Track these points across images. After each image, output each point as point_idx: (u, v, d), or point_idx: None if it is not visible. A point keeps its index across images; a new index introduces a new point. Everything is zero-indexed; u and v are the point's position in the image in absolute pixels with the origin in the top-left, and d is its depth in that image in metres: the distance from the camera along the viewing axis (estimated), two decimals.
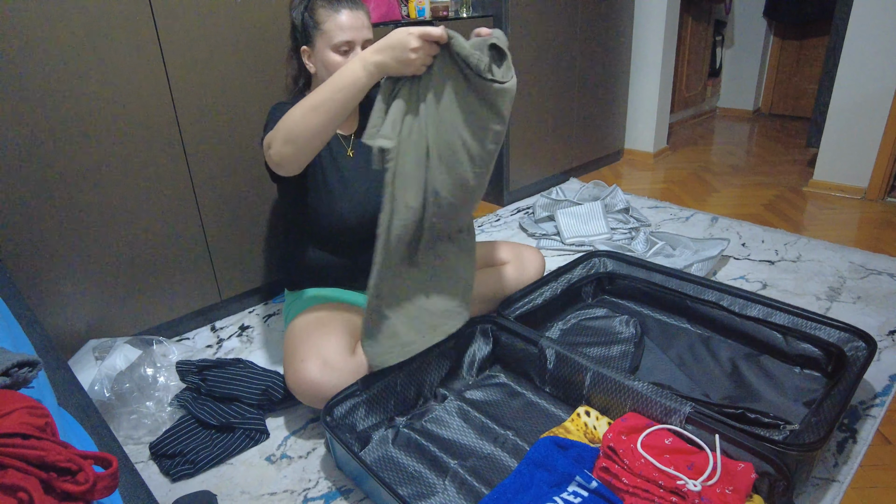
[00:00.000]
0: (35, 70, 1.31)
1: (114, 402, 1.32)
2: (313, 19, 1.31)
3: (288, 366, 1.29)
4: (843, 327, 1.36)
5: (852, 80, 2.50)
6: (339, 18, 1.29)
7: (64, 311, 1.48)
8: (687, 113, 4.18)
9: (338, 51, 1.30)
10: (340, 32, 1.29)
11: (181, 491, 1.18)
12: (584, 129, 2.97)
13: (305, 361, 1.24)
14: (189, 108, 1.57)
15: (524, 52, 2.48)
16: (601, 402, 1.25)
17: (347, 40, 1.29)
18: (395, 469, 1.17)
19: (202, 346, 1.68)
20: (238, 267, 1.79)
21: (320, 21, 1.30)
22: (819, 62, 3.91)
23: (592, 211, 2.28)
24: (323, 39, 1.30)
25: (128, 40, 1.42)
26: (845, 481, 1.13)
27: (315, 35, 1.31)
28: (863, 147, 2.55)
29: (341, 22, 1.29)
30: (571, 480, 1.05)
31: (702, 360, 1.48)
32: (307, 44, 1.34)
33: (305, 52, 1.35)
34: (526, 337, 1.38)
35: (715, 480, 1.02)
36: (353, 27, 1.29)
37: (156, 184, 1.56)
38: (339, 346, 1.28)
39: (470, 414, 1.31)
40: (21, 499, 0.46)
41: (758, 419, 1.22)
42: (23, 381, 0.62)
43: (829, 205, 2.56)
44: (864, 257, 2.02)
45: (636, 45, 3.14)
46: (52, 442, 0.51)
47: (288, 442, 1.31)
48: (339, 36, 1.29)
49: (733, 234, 2.26)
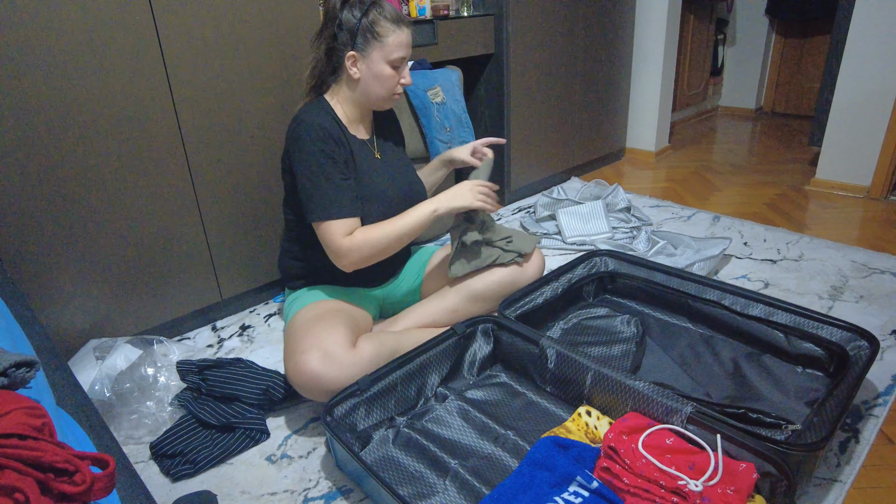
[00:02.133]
0: (35, 70, 1.30)
1: (114, 401, 1.32)
2: (374, 31, 1.33)
3: (288, 359, 1.30)
4: (845, 326, 1.35)
5: (855, 78, 2.49)
6: (402, 36, 1.35)
7: (65, 310, 1.48)
8: (689, 112, 4.17)
9: (393, 65, 1.36)
10: (400, 49, 1.36)
11: (182, 491, 1.18)
12: (585, 127, 2.96)
13: (306, 353, 1.24)
14: (189, 109, 1.57)
15: (525, 51, 2.47)
16: (602, 401, 1.25)
17: (403, 56, 1.37)
18: (395, 469, 1.17)
19: (203, 346, 1.68)
20: (239, 266, 1.79)
21: (383, 34, 1.33)
22: (821, 60, 3.90)
23: (594, 210, 2.28)
24: (381, 52, 1.34)
25: (128, 40, 1.42)
26: (848, 481, 1.13)
27: (372, 45, 1.34)
28: (865, 145, 2.54)
29: (403, 40, 1.36)
30: (572, 480, 1.05)
31: (703, 359, 1.47)
32: (357, 49, 1.35)
33: (353, 57, 1.36)
34: (527, 336, 1.38)
35: (716, 481, 1.02)
36: (410, 45, 1.39)
37: (156, 183, 1.56)
38: (340, 339, 1.28)
39: (470, 414, 1.31)
40: (18, 499, 0.46)
41: (759, 419, 1.22)
42: (21, 382, 0.62)
43: (832, 203, 2.55)
44: (867, 256, 2.01)
45: (637, 44, 3.13)
46: (49, 442, 0.51)
47: (288, 442, 1.31)
48: (399, 52, 1.36)
49: (735, 233, 2.25)
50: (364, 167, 1.43)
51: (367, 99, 1.42)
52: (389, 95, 1.41)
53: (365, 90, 1.40)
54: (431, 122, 2.01)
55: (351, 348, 1.29)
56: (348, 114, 1.44)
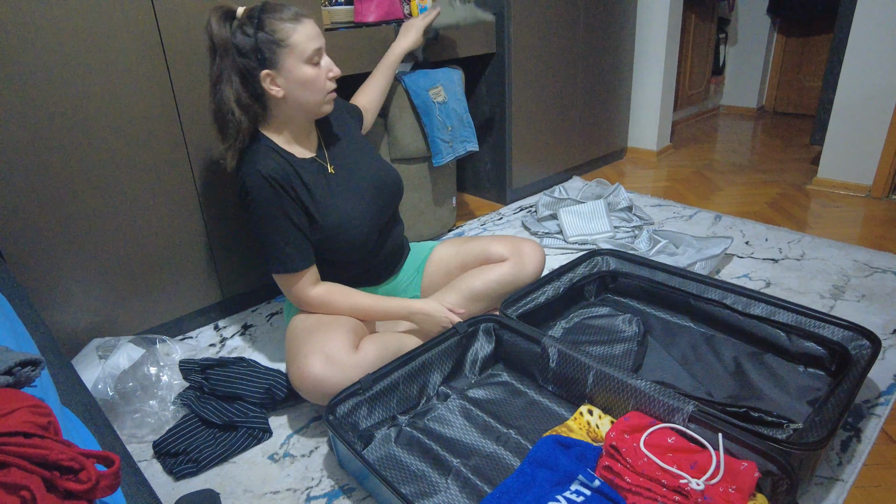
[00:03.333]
0: (38, 71, 1.31)
1: (117, 400, 1.32)
2: (276, 38, 1.22)
3: (291, 363, 1.29)
4: (847, 326, 1.35)
5: (857, 77, 2.49)
6: (306, 29, 1.24)
7: (68, 310, 1.49)
8: (690, 111, 4.17)
9: (311, 62, 1.26)
10: (311, 41, 1.25)
11: (184, 489, 1.18)
12: (586, 127, 2.96)
13: (308, 357, 1.24)
14: (192, 108, 1.57)
15: (526, 50, 2.47)
16: (604, 400, 1.25)
17: (318, 47, 1.26)
18: (397, 468, 1.17)
19: (205, 345, 1.68)
20: (241, 266, 1.80)
21: (286, 37, 1.22)
22: (823, 59, 3.90)
23: (595, 209, 2.28)
24: (293, 55, 1.23)
25: (130, 39, 1.43)
26: (849, 480, 1.13)
27: (281, 54, 1.23)
28: (867, 144, 2.54)
29: (310, 32, 1.25)
30: (574, 479, 1.05)
31: (705, 358, 1.47)
32: (268, 66, 1.24)
33: (268, 76, 1.24)
34: (528, 335, 1.38)
35: (718, 479, 1.02)
36: (319, 35, 1.27)
37: (159, 183, 1.56)
38: (342, 343, 1.28)
39: (472, 412, 1.31)
40: (24, 497, 0.46)
41: (761, 418, 1.22)
42: (25, 380, 0.62)
43: (834, 203, 2.55)
44: (869, 255, 2.01)
45: (639, 43, 3.13)
46: (54, 441, 0.52)
47: (291, 440, 1.31)
48: (312, 44, 1.25)
49: (737, 232, 2.25)
50: (320, 190, 1.35)
51: (303, 111, 1.32)
52: (324, 97, 1.31)
53: (296, 103, 1.29)
54: (433, 122, 2.02)
55: (353, 351, 1.28)
56: (289, 137, 1.35)
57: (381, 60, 1.79)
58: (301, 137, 1.38)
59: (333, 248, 1.38)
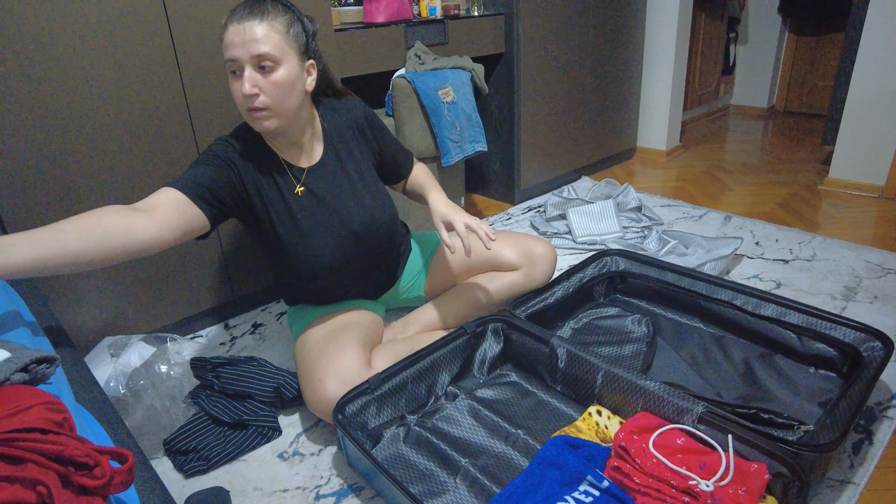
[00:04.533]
0: (50, 71, 1.32)
1: (129, 398, 1.33)
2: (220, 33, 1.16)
3: (306, 386, 1.25)
4: (858, 327, 1.34)
5: (869, 76, 2.47)
6: (226, 36, 1.13)
7: (80, 308, 1.50)
8: (700, 111, 4.15)
9: (230, 73, 1.15)
10: (225, 52, 1.13)
11: (194, 487, 1.19)
12: (595, 127, 2.95)
13: (323, 382, 1.21)
14: (202, 109, 1.58)
15: (536, 50, 2.47)
16: (613, 401, 1.25)
17: (230, 58, 1.12)
18: (406, 467, 1.18)
19: (216, 344, 1.69)
20: (251, 265, 1.81)
21: (222, 38, 1.14)
22: (835, 59, 3.86)
23: (604, 209, 2.27)
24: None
25: (142, 41, 1.44)
26: (861, 483, 1.12)
27: None
28: (880, 144, 2.52)
29: (227, 39, 1.13)
30: (583, 479, 1.05)
31: (714, 359, 1.47)
32: None
33: None
34: (537, 336, 1.38)
35: (728, 481, 1.01)
36: (235, 43, 1.11)
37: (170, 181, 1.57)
38: (356, 362, 1.25)
39: (481, 412, 1.31)
40: (40, 492, 0.47)
41: (771, 419, 1.21)
42: (41, 378, 0.63)
43: (845, 203, 2.53)
44: (881, 256, 1.99)
45: (649, 43, 3.12)
46: (69, 437, 0.52)
47: (300, 439, 1.32)
48: (224, 54, 1.14)
49: (747, 232, 2.24)
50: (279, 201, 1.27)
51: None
52: (246, 115, 1.18)
53: None
54: (442, 122, 2.02)
55: (367, 369, 1.26)
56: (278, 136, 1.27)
57: (430, 193, 1.47)
58: (287, 143, 1.29)
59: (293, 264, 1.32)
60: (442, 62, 2.09)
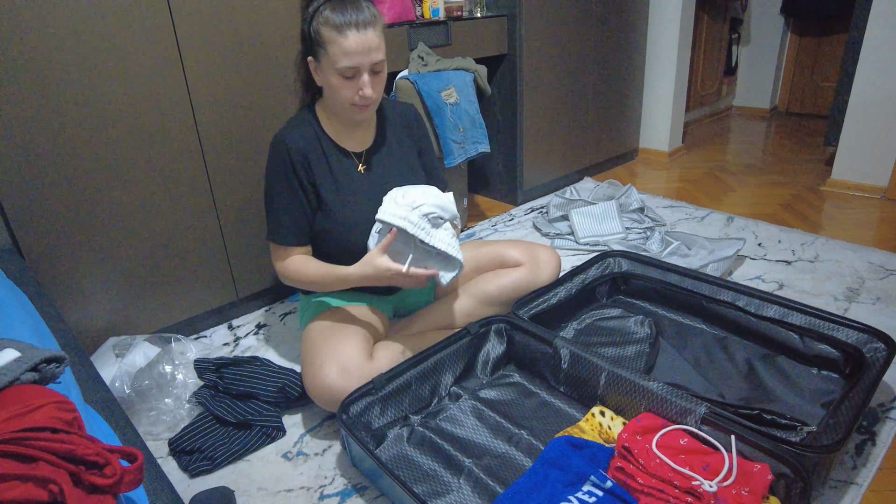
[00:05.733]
0: (58, 75, 1.33)
1: (133, 398, 1.34)
2: (318, 38, 1.22)
3: (306, 371, 1.29)
4: (861, 328, 1.34)
5: (872, 77, 2.47)
6: (344, 44, 1.19)
7: (85, 309, 1.51)
8: (702, 111, 4.15)
9: (343, 75, 1.22)
10: (345, 58, 1.20)
11: (199, 487, 1.20)
12: (598, 127, 2.96)
13: (324, 367, 1.24)
14: (207, 110, 1.59)
15: (538, 52, 2.47)
16: (616, 402, 1.25)
17: (351, 66, 1.21)
18: (410, 467, 1.18)
19: (219, 344, 1.70)
20: (255, 265, 1.81)
21: (325, 41, 1.20)
22: (837, 59, 3.86)
23: (607, 210, 2.28)
24: (328, 60, 1.22)
25: (147, 43, 1.45)
26: (864, 484, 1.12)
27: (320, 53, 1.23)
28: (883, 145, 2.52)
29: (347, 47, 1.19)
30: (586, 480, 1.05)
31: (717, 360, 1.47)
32: (313, 56, 1.26)
33: (311, 63, 1.28)
34: (540, 336, 1.38)
35: (731, 481, 1.02)
36: (359, 52, 1.19)
37: (174, 183, 1.58)
38: (357, 352, 1.28)
39: (484, 413, 1.32)
40: (52, 491, 0.47)
41: (774, 420, 1.21)
42: (51, 377, 0.64)
43: (848, 204, 2.53)
44: (884, 258, 1.99)
45: (651, 43, 3.12)
46: (80, 436, 0.53)
47: (304, 439, 1.32)
48: (343, 62, 1.20)
49: (749, 233, 2.24)
50: (343, 184, 1.35)
51: (335, 109, 1.32)
52: (348, 108, 1.27)
53: (329, 99, 1.31)
54: (445, 123, 2.02)
55: (368, 360, 1.28)
56: (335, 123, 1.36)
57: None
58: (348, 129, 1.38)
59: (335, 244, 1.37)
60: (445, 63, 2.10)
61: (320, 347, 1.30)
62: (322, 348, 1.29)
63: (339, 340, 1.30)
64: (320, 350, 1.29)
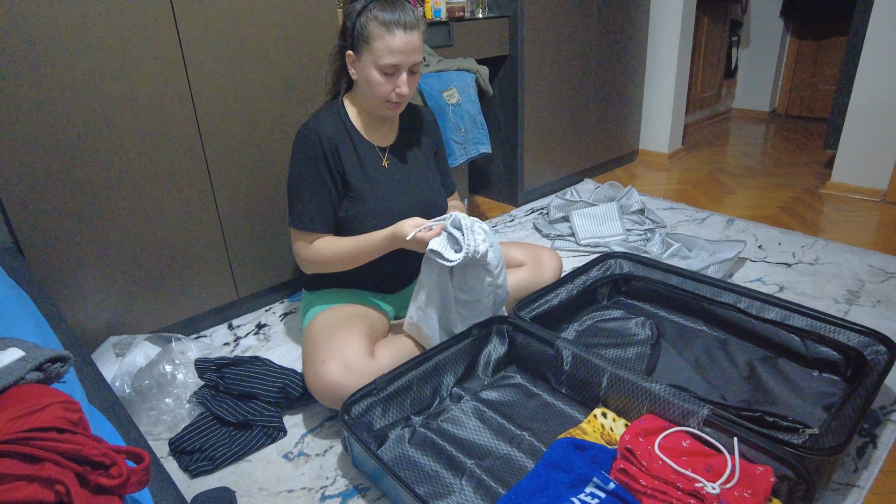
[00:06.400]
0: (60, 74, 1.33)
1: (134, 398, 1.33)
2: (364, 33, 1.26)
3: (308, 367, 1.30)
4: (862, 331, 1.35)
5: (872, 80, 2.48)
6: (392, 42, 1.24)
7: (85, 308, 1.50)
8: (702, 114, 4.15)
9: (384, 71, 1.27)
10: (389, 55, 1.25)
11: (200, 487, 1.19)
12: (598, 129, 2.96)
13: (326, 363, 1.25)
14: (209, 111, 1.58)
15: (540, 53, 2.47)
16: (618, 403, 1.25)
17: (394, 64, 1.26)
18: (411, 468, 1.18)
19: (220, 344, 1.69)
20: (255, 265, 1.81)
21: (371, 37, 1.25)
22: (837, 62, 3.87)
23: (608, 212, 2.28)
24: (370, 56, 1.26)
25: (150, 44, 1.44)
26: (866, 486, 1.13)
27: (363, 48, 1.27)
28: (882, 148, 2.52)
29: (392, 45, 1.24)
30: (589, 481, 1.05)
31: (718, 362, 1.47)
32: (354, 50, 1.30)
33: (350, 57, 1.31)
34: (542, 338, 1.38)
35: (733, 483, 1.02)
36: (403, 51, 1.25)
37: (175, 183, 1.58)
38: (360, 349, 1.28)
39: (486, 414, 1.32)
40: (58, 491, 0.47)
41: (776, 422, 1.21)
42: (55, 376, 0.63)
43: (848, 207, 2.53)
44: (884, 260, 1.99)
45: (651, 46, 3.13)
46: (86, 436, 0.53)
47: (305, 440, 1.32)
48: (387, 59, 1.25)
49: (749, 236, 2.24)
50: (370, 174, 1.39)
51: (366, 103, 1.36)
52: (381, 103, 1.33)
53: (362, 93, 1.35)
54: (447, 124, 2.02)
55: (370, 357, 1.29)
56: (362, 117, 1.40)
57: None
58: (374, 124, 1.41)
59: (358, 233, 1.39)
60: (447, 64, 2.10)
61: (322, 344, 1.30)
62: (324, 345, 1.29)
63: (342, 337, 1.30)
64: (322, 347, 1.29)
